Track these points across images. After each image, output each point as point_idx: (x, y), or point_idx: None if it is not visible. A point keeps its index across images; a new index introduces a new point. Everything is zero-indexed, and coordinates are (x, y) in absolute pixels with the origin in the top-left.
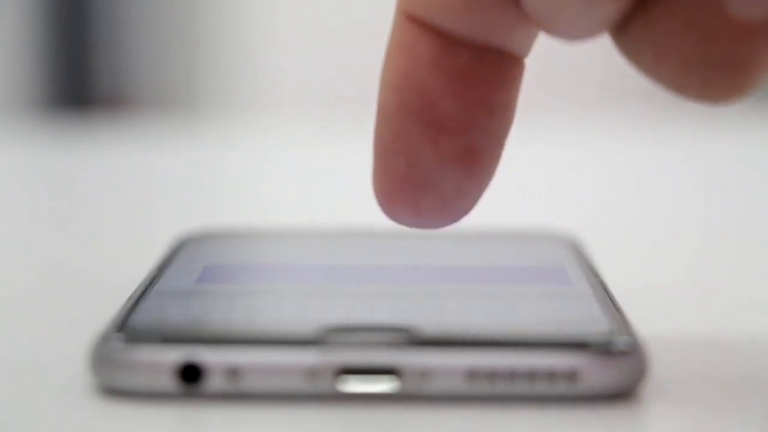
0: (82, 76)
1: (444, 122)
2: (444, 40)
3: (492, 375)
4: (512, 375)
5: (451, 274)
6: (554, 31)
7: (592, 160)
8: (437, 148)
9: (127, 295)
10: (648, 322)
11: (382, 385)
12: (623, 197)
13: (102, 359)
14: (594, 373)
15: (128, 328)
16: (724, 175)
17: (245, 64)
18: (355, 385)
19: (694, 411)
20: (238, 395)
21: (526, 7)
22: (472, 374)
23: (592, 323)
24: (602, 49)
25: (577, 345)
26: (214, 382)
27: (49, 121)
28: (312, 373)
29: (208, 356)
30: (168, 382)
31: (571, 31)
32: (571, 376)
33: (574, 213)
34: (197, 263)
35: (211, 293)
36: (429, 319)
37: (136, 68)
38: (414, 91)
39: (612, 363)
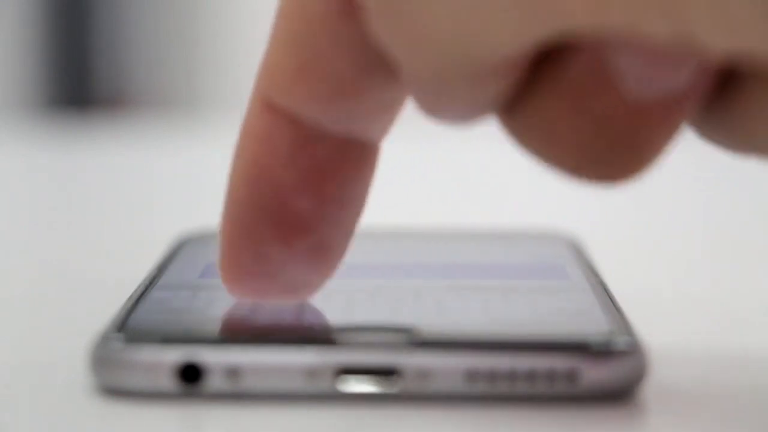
0: (82, 76)
1: (296, 220)
2: (303, 130)
3: (492, 375)
4: (512, 375)
5: (451, 274)
6: (436, 114)
7: None
8: (286, 245)
9: (127, 295)
10: (648, 322)
11: (382, 385)
12: (623, 197)
13: (102, 359)
14: (594, 373)
15: (128, 328)
16: (724, 176)
17: (245, 64)
18: (355, 385)
19: (693, 411)
20: (238, 395)
21: (408, 89)
22: (472, 374)
23: (592, 323)
24: None
25: (577, 345)
26: (214, 382)
27: (49, 121)
28: (312, 373)
29: (208, 356)
30: (168, 382)
31: (452, 114)
32: (571, 376)
33: (574, 213)
34: (198, 262)
35: (212, 290)
36: (429, 319)
37: (136, 68)
38: (267, 186)
39: (612, 363)
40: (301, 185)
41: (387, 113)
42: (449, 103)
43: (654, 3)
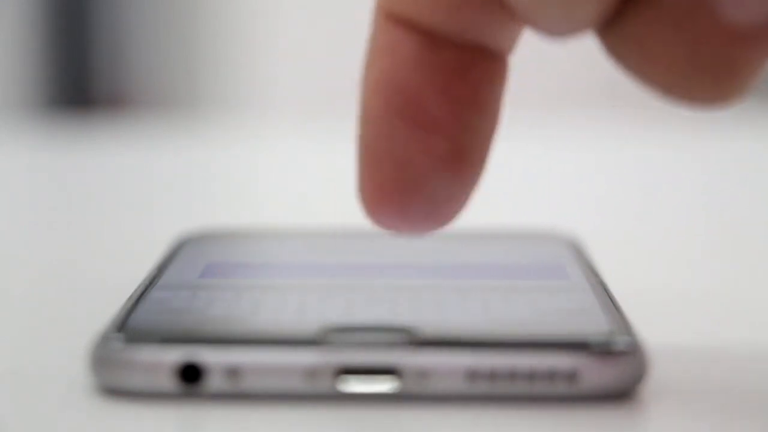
0: (82, 76)
1: (431, 121)
2: (427, 38)
3: (492, 375)
4: (512, 375)
5: (451, 274)
6: (536, 27)
7: (593, 159)
8: (425, 148)
9: (127, 295)
10: (648, 322)
11: (382, 385)
12: (623, 197)
13: (102, 359)
14: (594, 373)
15: (128, 328)
16: (725, 176)
17: (245, 65)
18: (355, 385)
19: (693, 411)
20: (238, 395)
21: (507, 3)
22: (472, 374)
23: (592, 323)
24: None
25: (577, 345)
26: (214, 382)
27: (49, 121)
28: (312, 373)
29: (208, 356)
30: (168, 382)
31: (552, 28)
32: (571, 376)
33: (574, 213)
34: (198, 262)
35: (212, 290)
36: (429, 319)
37: (136, 68)
38: (399, 91)
39: (612, 363)
40: (431, 88)
41: (507, 26)
42: (548, 16)
43: None
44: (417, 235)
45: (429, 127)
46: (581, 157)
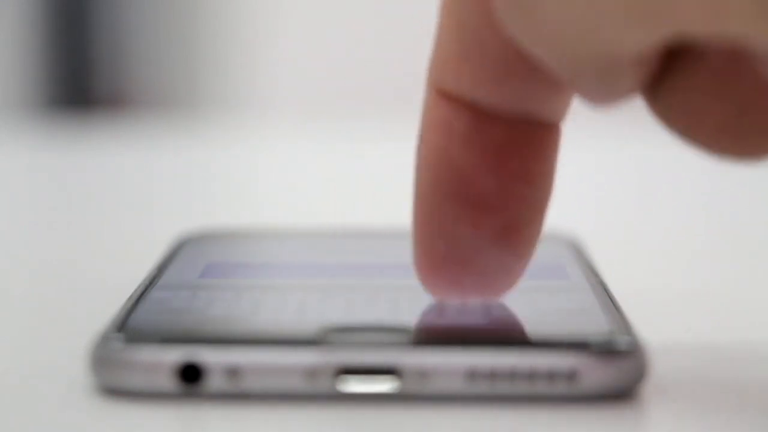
0: (82, 76)
1: (482, 200)
2: (478, 113)
3: (492, 375)
4: (512, 375)
5: None
6: (581, 96)
7: (593, 160)
8: (477, 226)
9: (127, 295)
10: (648, 322)
11: (382, 385)
12: (624, 197)
13: (102, 359)
14: (594, 373)
15: (128, 328)
16: (725, 176)
17: (245, 65)
18: (355, 385)
19: (693, 411)
20: (238, 395)
21: (552, 75)
22: (472, 374)
23: (592, 323)
24: None
25: (577, 345)
26: (214, 382)
27: (49, 121)
28: (312, 373)
29: (208, 356)
30: (168, 382)
31: (595, 97)
32: (571, 376)
33: (574, 213)
34: (198, 262)
35: (212, 290)
36: (429, 319)
37: (136, 68)
38: (450, 169)
39: (612, 363)
40: (482, 165)
41: (556, 95)
42: (590, 89)
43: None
44: (475, 301)
45: (480, 206)
46: (581, 157)
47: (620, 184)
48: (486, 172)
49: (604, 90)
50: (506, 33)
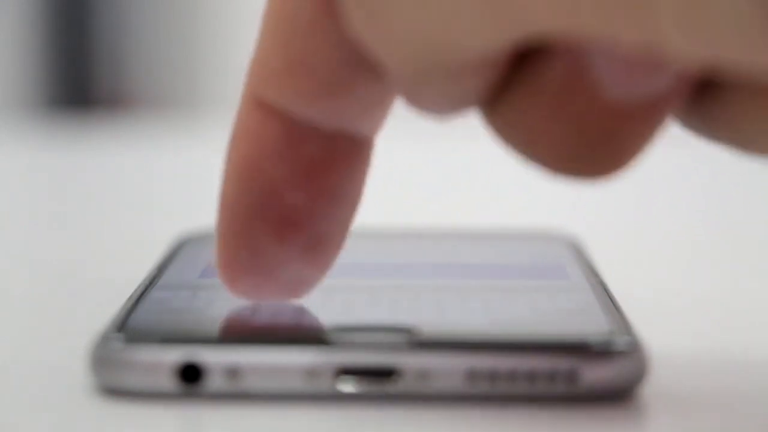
0: (82, 76)
1: (289, 216)
2: (292, 127)
3: (492, 375)
4: (512, 375)
5: (451, 274)
6: (416, 106)
7: None
8: (281, 241)
9: (127, 295)
10: (648, 322)
11: (382, 385)
12: (624, 197)
13: (102, 359)
14: (594, 373)
15: (128, 328)
16: (725, 176)
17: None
18: (355, 385)
19: (693, 411)
20: (238, 395)
21: (391, 83)
22: (472, 374)
23: (592, 323)
24: None
25: (577, 345)
26: (214, 382)
27: (49, 121)
28: (312, 373)
29: (208, 356)
30: (168, 382)
31: (431, 106)
32: (571, 376)
33: (574, 213)
34: (198, 262)
35: (212, 290)
36: (429, 319)
37: (136, 68)
38: (259, 182)
39: (612, 363)
40: (292, 180)
41: (377, 109)
42: (430, 97)
43: (622, 10)
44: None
45: (287, 222)
46: None
47: (620, 185)
48: (295, 187)
49: (442, 99)
50: (351, 32)
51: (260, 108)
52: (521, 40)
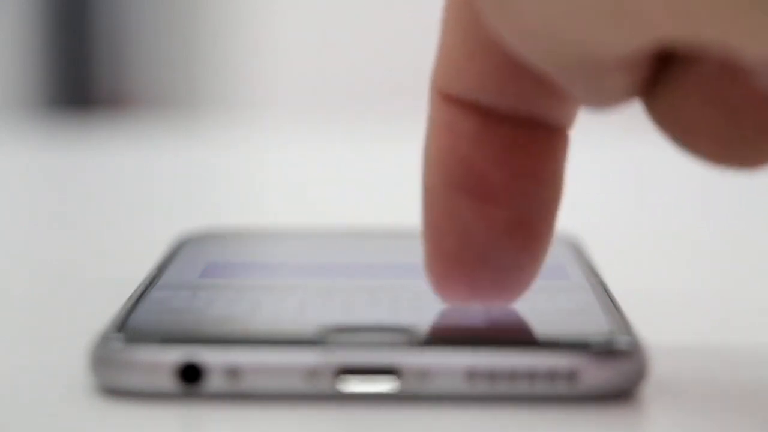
0: (82, 76)
1: (493, 194)
2: (484, 114)
3: (492, 375)
4: (512, 375)
5: None
6: (578, 101)
7: (593, 160)
8: (489, 221)
9: (127, 295)
10: (648, 322)
11: (382, 385)
12: (624, 198)
13: (102, 359)
14: (594, 373)
15: (128, 328)
16: (725, 176)
17: (245, 65)
18: (355, 385)
19: (693, 411)
20: (238, 395)
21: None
22: (472, 374)
23: (592, 323)
24: None
25: (577, 345)
26: (214, 382)
27: (49, 121)
28: (312, 373)
29: (208, 356)
30: (168, 382)
31: (589, 101)
32: (571, 376)
33: (575, 213)
34: (198, 262)
35: (212, 290)
36: (429, 319)
37: (136, 68)
38: (460, 166)
39: (612, 363)
40: (492, 160)
41: (561, 98)
42: (582, 93)
43: (742, 23)
44: (487, 306)
45: (490, 200)
46: (581, 157)
47: (620, 185)
48: (495, 166)
49: (594, 93)
50: (488, 26)
51: (448, 101)
52: (652, 45)
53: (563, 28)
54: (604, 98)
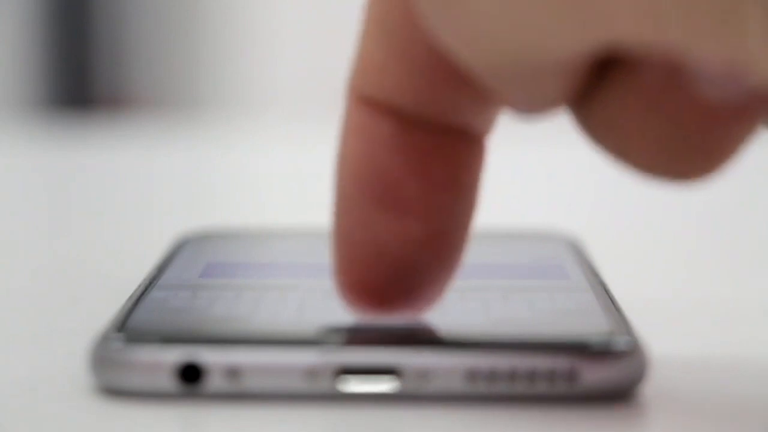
0: (82, 76)
1: (408, 206)
2: (401, 121)
3: (492, 375)
4: (512, 375)
5: None
6: (506, 106)
7: (593, 160)
8: (403, 234)
9: (127, 295)
10: (648, 322)
11: (382, 385)
12: (624, 198)
13: (102, 359)
14: (594, 373)
15: (128, 328)
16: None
17: (245, 65)
18: (355, 385)
19: (693, 411)
20: (238, 395)
21: (476, 85)
22: (472, 374)
23: (592, 323)
24: None
25: (577, 345)
26: (214, 382)
27: (49, 121)
28: (312, 373)
29: (208, 356)
30: (168, 382)
31: (519, 106)
32: (571, 376)
33: (575, 213)
34: (198, 262)
35: (212, 290)
36: (429, 319)
37: (136, 68)
38: (374, 175)
39: (612, 363)
40: (408, 169)
41: (482, 105)
42: (514, 97)
43: (710, 27)
44: (395, 318)
45: (404, 212)
46: (581, 157)
47: (620, 184)
48: (410, 175)
49: (526, 98)
50: (428, 32)
51: (366, 104)
52: (604, 48)
53: (509, 28)
54: (535, 103)
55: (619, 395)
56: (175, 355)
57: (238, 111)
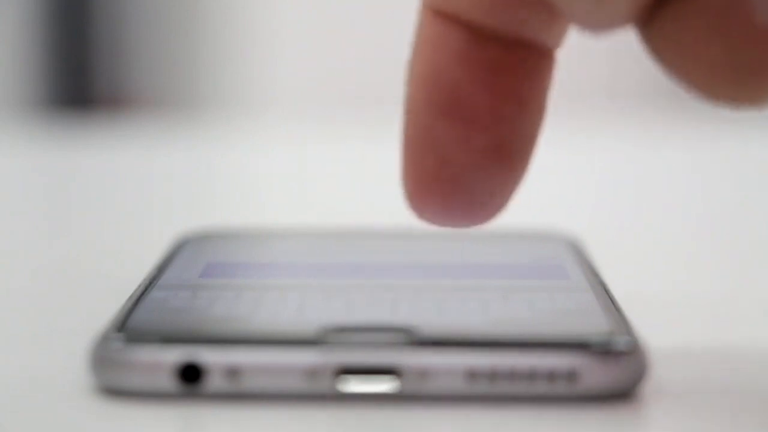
0: (82, 76)
1: (474, 117)
2: (472, 33)
3: (492, 375)
4: (512, 375)
5: (451, 274)
6: (573, 21)
7: (593, 160)
8: (468, 143)
9: (127, 295)
10: (648, 322)
11: (382, 385)
12: (624, 197)
13: (102, 359)
14: (594, 373)
15: (128, 328)
16: (726, 176)
17: (245, 65)
18: (355, 385)
19: (693, 411)
20: (238, 395)
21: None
22: (472, 374)
23: (592, 323)
24: (603, 50)
25: (577, 345)
26: (214, 382)
27: (49, 121)
28: (312, 373)
29: (208, 356)
30: (168, 382)
31: (588, 22)
32: (571, 376)
33: (575, 213)
34: (198, 262)
35: (212, 290)
36: (429, 319)
37: (136, 68)
38: (443, 85)
39: (612, 363)
40: (474, 81)
41: (552, 20)
42: (583, 10)
43: None
44: (458, 228)
45: (471, 122)
46: (581, 157)
47: (620, 184)
48: (478, 88)
49: (593, 14)
50: None
51: (438, 17)
52: None
53: None
54: (602, 20)
55: (619, 395)
56: (175, 355)
57: (238, 111)
